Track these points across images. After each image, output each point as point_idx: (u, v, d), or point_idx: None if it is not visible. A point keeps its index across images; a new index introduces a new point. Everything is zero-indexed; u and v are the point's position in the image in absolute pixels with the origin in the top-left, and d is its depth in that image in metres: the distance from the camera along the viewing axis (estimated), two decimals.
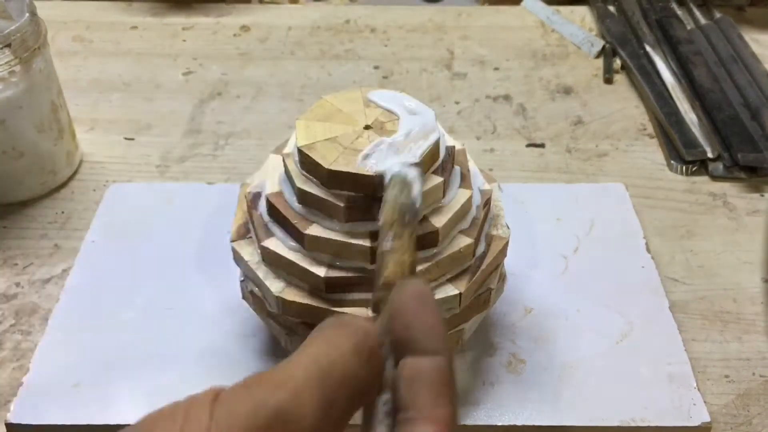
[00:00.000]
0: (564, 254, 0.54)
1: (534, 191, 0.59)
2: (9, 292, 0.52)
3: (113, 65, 0.76)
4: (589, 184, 0.61)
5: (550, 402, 0.45)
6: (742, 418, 0.45)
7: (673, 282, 0.53)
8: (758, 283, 0.53)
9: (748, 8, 0.85)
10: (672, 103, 0.68)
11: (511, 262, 0.47)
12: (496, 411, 0.44)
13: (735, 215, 0.59)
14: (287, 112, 0.70)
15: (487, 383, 0.46)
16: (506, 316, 0.49)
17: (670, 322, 0.49)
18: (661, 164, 0.64)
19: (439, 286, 0.40)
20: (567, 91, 0.73)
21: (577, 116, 0.70)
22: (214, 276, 0.51)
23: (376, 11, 0.86)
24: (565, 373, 0.46)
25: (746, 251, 0.56)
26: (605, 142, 0.66)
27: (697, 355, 0.48)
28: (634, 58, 0.75)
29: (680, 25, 0.79)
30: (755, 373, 0.47)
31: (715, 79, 0.70)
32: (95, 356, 0.47)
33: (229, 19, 0.84)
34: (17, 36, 0.53)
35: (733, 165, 0.62)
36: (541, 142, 0.66)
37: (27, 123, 0.56)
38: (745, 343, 0.49)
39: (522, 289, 0.51)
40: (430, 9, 0.87)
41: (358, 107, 0.41)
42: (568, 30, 0.82)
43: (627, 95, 0.72)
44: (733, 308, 0.51)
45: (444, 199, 0.40)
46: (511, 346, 0.48)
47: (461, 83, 0.74)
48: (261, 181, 0.43)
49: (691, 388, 0.45)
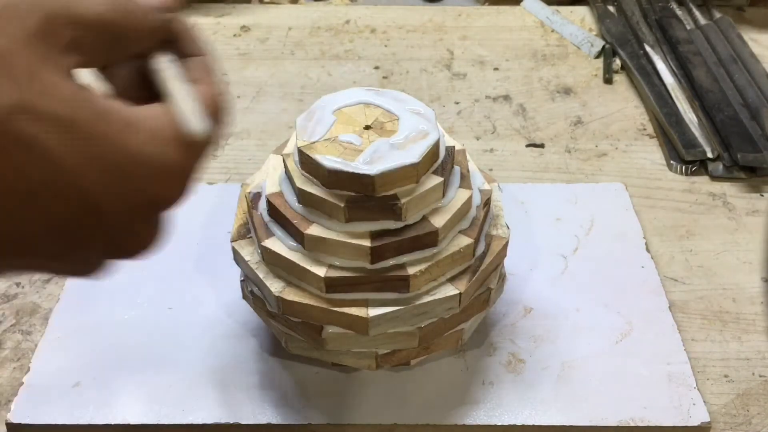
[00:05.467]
0: (563, 254, 0.54)
1: (534, 191, 0.59)
2: (9, 291, 0.52)
3: None
4: (588, 184, 0.61)
5: (549, 402, 0.45)
6: (742, 418, 0.45)
7: (673, 282, 0.53)
8: (758, 282, 0.53)
9: (748, 8, 0.85)
10: (671, 104, 0.68)
11: (511, 262, 0.47)
12: (496, 410, 0.44)
13: (734, 215, 0.59)
14: (287, 112, 0.70)
15: (487, 383, 0.46)
16: (506, 316, 0.49)
17: (670, 322, 0.49)
18: (660, 164, 0.64)
19: (439, 286, 0.40)
20: (567, 91, 0.73)
21: (577, 116, 0.70)
22: (214, 276, 0.51)
23: (376, 11, 0.86)
24: (564, 372, 0.46)
25: (746, 251, 0.56)
26: (605, 142, 0.66)
27: (696, 354, 0.48)
28: (634, 59, 0.75)
29: (680, 25, 0.79)
30: (755, 372, 0.47)
31: (714, 79, 0.70)
32: (95, 356, 0.47)
33: (229, 19, 0.84)
34: None
35: (732, 165, 0.62)
36: (541, 143, 0.66)
37: None
38: (744, 342, 0.49)
39: (522, 289, 0.51)
40: (430, 9, 0.87)
41: (358, 107, 0.41)
42: (567, 30, 0.82)
43: (627, 95, 0.72)
44: (732, 308, 0.51)
45: (444, 199, 0.40)
46: (511, 345, 0.48)
47: (461, 83, 0.74)
48: (261, 181, 0.43)
49: (690, 388, 0.45)
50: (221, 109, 0.29)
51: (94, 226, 0.25)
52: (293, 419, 0.44)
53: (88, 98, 0.24)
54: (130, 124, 0.25)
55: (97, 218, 0.25)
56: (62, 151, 0.23)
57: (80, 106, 0.23)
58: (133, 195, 0.25)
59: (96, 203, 0.24)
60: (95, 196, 0.24)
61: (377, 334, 0.40)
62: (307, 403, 0.44)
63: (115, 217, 0.25)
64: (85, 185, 0.24)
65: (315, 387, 0.45)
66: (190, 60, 0.29)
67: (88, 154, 0.24)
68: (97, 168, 0.24)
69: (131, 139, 0.25)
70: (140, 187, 0.25)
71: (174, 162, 0.26)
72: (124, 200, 0.25)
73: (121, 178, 0.25)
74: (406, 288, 0.39)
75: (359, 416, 0.44)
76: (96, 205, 0.24)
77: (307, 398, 0.45)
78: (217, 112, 0.29)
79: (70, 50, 0.24)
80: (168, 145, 0.26)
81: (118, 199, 0.25)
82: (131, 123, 0.25)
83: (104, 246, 0.26)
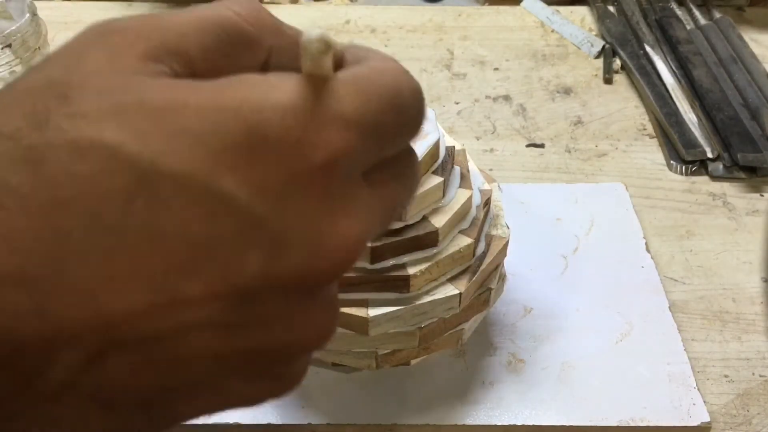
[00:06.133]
0: (564, 254, 0.54)
1: (534, 191, 0.59)
2: None
3: None
4: (588, 184, 0.61)
5: (549, 402, 0.45)
6: (742, 418, 0.45)
7: (673, 282, 0.53)
8: (758, 282, 0.53)
9: (748, 8, 0.85)
10: (671, 104, 0.68)
11: (511, 262, 0.47)
12: (496, 411, 0.44)
13: (734, 215, 0.59)
14: None
15: (487, 383, 0.46)
16: (506, 316, 0.49)
17: (670, 322, 0.49)
18: (660, 164, 0.64)
19: (439, 286, 0.40)
20: (567, 91, 0.73)
21: (577, 116, 0.70)
22: None
23: (376, 11, 0.86)
24: (564, 372, 0.46)
25: (746, 251, 0.56)
26: (605, 142, 0.66)
27: (696, 354, 0.48)
28: (634, 59, 0.75)
29: (680, 25, 0.79)
30: (755, 373, 0.47)
31: (714, 79, 0.70)
32: None
33: None
34: (18, 36, 0.53)
35: (732, 165, 0.62)
36: (541, 143, 0.66)
37: None
38: (744, 342, 0.49)
39: (522, 289, 0.51)
40: (430, 9, 0.87)
41: None
42: (567, 30, 0.82)
43: (627, 95, 0.72)
44: (732, 308, 0.51)
45: (444, 199, 0.40)
46: (511, 345, 0.48)
47: (461, 83, 0.74)
48: None
49: (690, 388, 0.45)
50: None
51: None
52: (293, 419, 0.44)
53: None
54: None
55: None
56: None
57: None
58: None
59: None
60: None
61: (377, 334, 0.40)
62: (307, 403, 0.44)
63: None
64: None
65: (315, 387, 0.45)
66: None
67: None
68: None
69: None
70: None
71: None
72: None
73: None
74: (406, 288, 0.39)
75: (359, 416, 0.44)
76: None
77: (307, 398, 0.45)
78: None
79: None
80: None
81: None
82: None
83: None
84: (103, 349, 0.19)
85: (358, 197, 0.21)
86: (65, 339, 0.18)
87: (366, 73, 0.21)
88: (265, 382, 0.22)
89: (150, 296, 0.18)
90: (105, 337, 0.18)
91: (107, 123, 0.19)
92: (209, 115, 0.19)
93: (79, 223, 0.18)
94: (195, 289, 0.19)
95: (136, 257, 0.18)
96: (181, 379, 0.20)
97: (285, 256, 0.20)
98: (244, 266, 0.19)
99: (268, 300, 0.20)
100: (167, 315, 0.19)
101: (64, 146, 0.18)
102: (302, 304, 0.21)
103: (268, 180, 0.19)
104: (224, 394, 0.21)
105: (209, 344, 0.20)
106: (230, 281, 0.19)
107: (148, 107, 0.19)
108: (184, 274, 0.19)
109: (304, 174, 0.20)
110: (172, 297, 0.19)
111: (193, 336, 0.19)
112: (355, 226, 0.21)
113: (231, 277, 0.19)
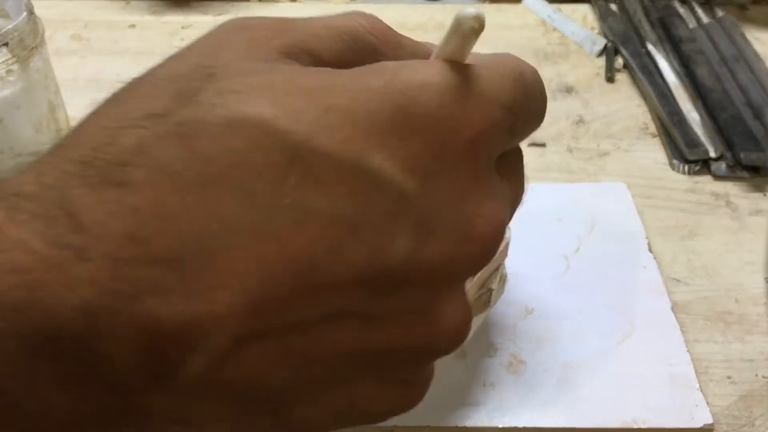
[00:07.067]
0: (565, 254, 0.53)
1: (535, 191, 0.59)
2: None
3: (111, 64, 0.76)
4: (590, 184, 0.60)
5: (551, 403, 0.44)
6: (745, 420, 0.45)
7: (676, 282, 0.53)
8: (761, 283, 0.53)
9: (751, 7, 0.85)
10: (674, 102, 0.68)
11: (512, 263, 0.47)
12: (497, 412, 0.44)
13: (738, 215, 0.58)
14: None
15: (488, 384, 0.45)
16: (507, 317, 0.49)
17: (672, 323, 0.49)
18: (663, 164, 0.64)
19: None
20: (568, 90, 0.73)
21: (579, 115, 0.69)
22: None
23: (376, 10, 0.84)
24: (566, 374, 0.46)
25: (749, 251, 0.55)
26: (607, 141, 0.66)
27: (699, 356, 0.48)
28: (636, 57, 0.74)
29: (682, 23, 0.78)
30: (758, 374, 0.47)
31: (717, 78, 0.70)
32: None
33: (227, 18, 0.83)
34: (15, 35, 0.53)
35: (735, 164, 0.62)
36: (542, 142, 0.66)
37: (25, 122, 0.56)
38: (747, 344, 0.49)
39: (523, 289, 0.51)
40: (431, 7, 0.86)
41: None
42: (569, 29, 0.81)
43: (629, 94, 0.72)
44: (735, 309, 0.51)
45: None
46: (512, 346, 0.47)
47: None
48: None
49: (693, 390, 0.45)
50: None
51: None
52: None
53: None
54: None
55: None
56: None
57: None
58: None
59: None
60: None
61: None
62: None
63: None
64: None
65: None
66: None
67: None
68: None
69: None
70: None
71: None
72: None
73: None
74: None
75: None
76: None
77: None
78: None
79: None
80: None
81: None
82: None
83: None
84: (244, 338, 0.17)
85: (499, 181, 0.21)
86: (210, 325, 0.17)
87: (488, 58, 0.23)
88: (397, 388, 0.21)
89: (297, 280, 0.17)
90: (249, 324, 0.17)
91: (259, 99, 0.18)
92: (358, 94, 0.19)
93: (231, 200, 0.17)
94: (341, 272, 0.18)
95: (285, 237, 0.17)
96: (312, 376, 0.19)
97: (433, 239, 0.19)
98: (392, 248, 0.18)
99: (412, 289, 0.19)
100: (311, 302, 0.18)
101: (216, 121, 0.18)
102: (443, 297, 0.20)
103: (418, 157, 0.19)
104: (351, 398, 0.20)
105: (346, 337, 0.19)
106: (377, 265, 0.18)
107: (297, 85, 0.19)
108: (331, 256, 0.18)
109: (454, 151, 0.19)
110: (317, 282, 0.18)
111: (333, 327, 0.18)
112: (499, 209, 0.20)
113: (378, 260, 0.18)
